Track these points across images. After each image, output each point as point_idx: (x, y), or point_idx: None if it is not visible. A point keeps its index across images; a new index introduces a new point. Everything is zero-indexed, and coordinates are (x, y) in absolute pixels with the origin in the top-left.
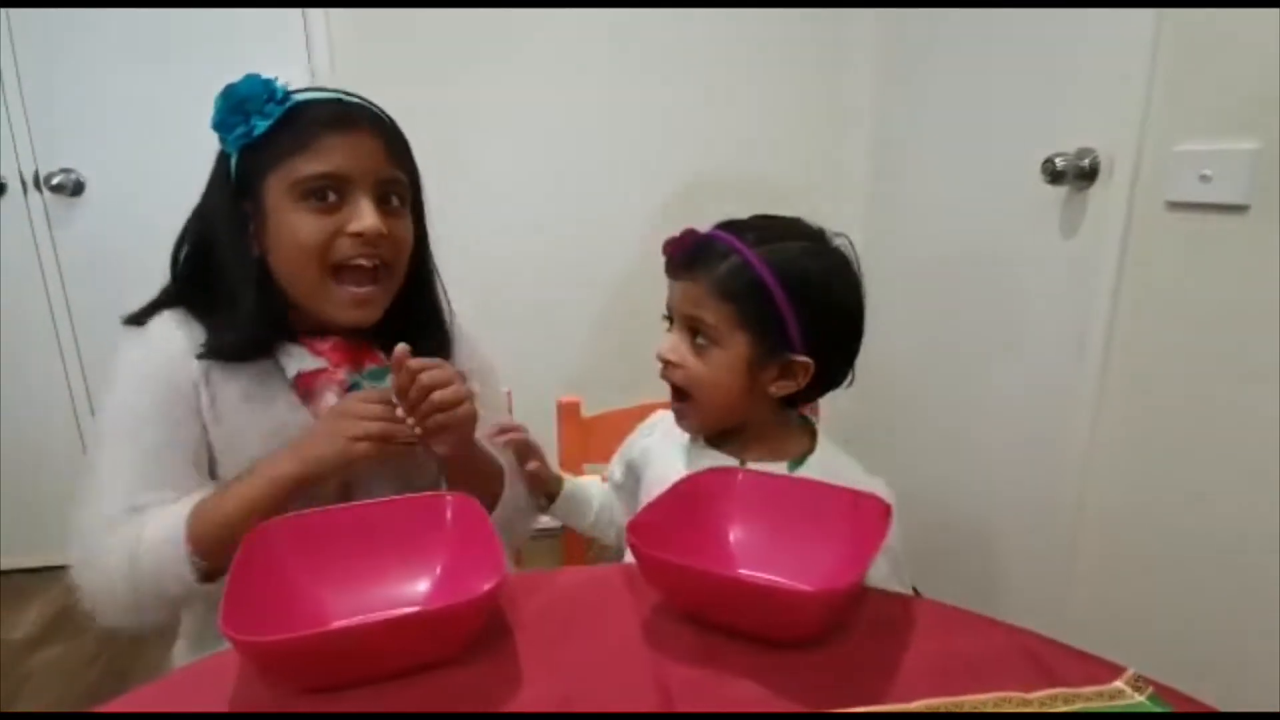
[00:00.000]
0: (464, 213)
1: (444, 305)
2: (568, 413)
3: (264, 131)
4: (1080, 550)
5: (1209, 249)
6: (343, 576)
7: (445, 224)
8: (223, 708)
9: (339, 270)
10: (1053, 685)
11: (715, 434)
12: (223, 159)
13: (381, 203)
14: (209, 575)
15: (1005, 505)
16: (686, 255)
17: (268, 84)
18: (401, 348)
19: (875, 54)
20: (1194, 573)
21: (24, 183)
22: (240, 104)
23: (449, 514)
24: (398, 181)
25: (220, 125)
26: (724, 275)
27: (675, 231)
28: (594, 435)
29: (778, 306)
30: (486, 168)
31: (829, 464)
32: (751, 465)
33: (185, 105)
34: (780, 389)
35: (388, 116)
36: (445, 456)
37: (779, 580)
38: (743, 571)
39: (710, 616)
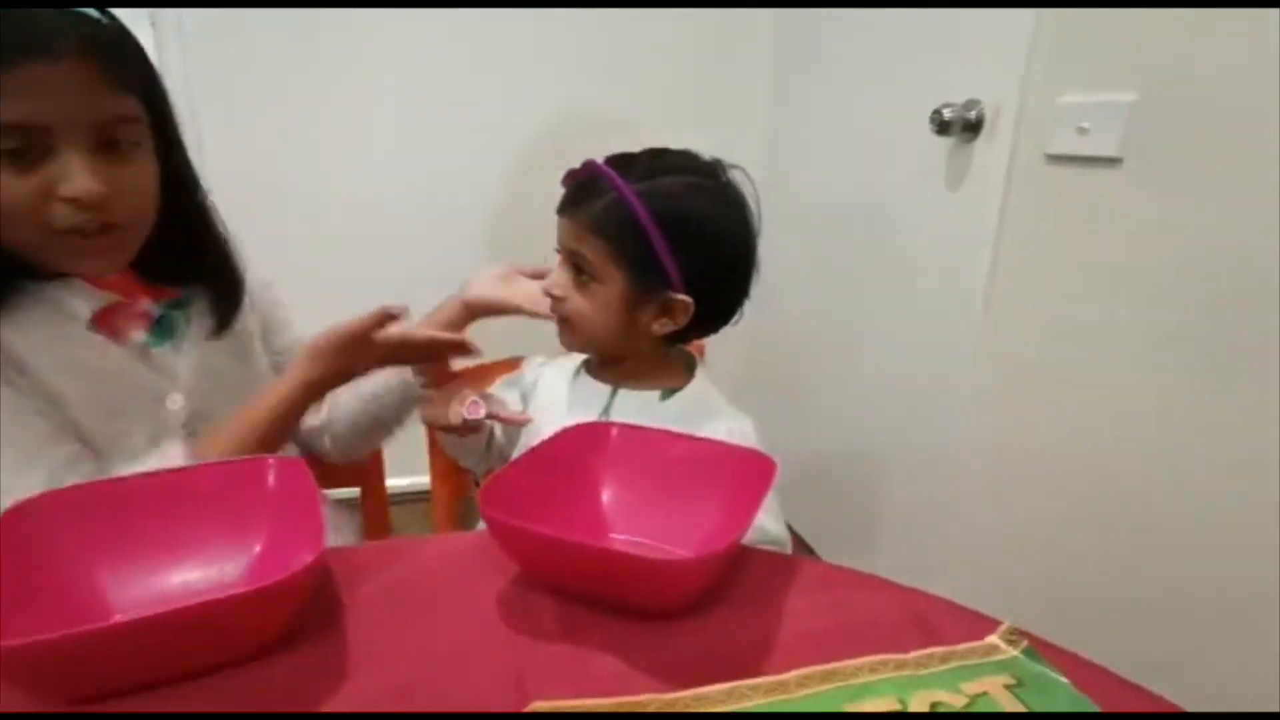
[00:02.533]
0: (326, 152)
1: (224, 234)
2: (431, 366)
3: None
4: (963, 495)
5: (1085, 202)
6: (137, 560)
7: (305, 162)
8: None
9: (58, 225)
10: (932, 644)
11: (598, 364)
12: None
13: (104, 149)
14: None
15: (893, 452)
16: (573, 191)
17: None
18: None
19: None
20: (1067, 512)
21: None
22: None
23: (271, 479)
24: (124, 117)
25: None
26: (600, 211)
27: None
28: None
29: (652, 245)
30: (349, 106)
31: (700, 396)
32: (624, 392)
33: None
34: (661, 327)
35: (108, 18)
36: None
37: (646, 542)
38: (615, 536)
39: (572, 588)
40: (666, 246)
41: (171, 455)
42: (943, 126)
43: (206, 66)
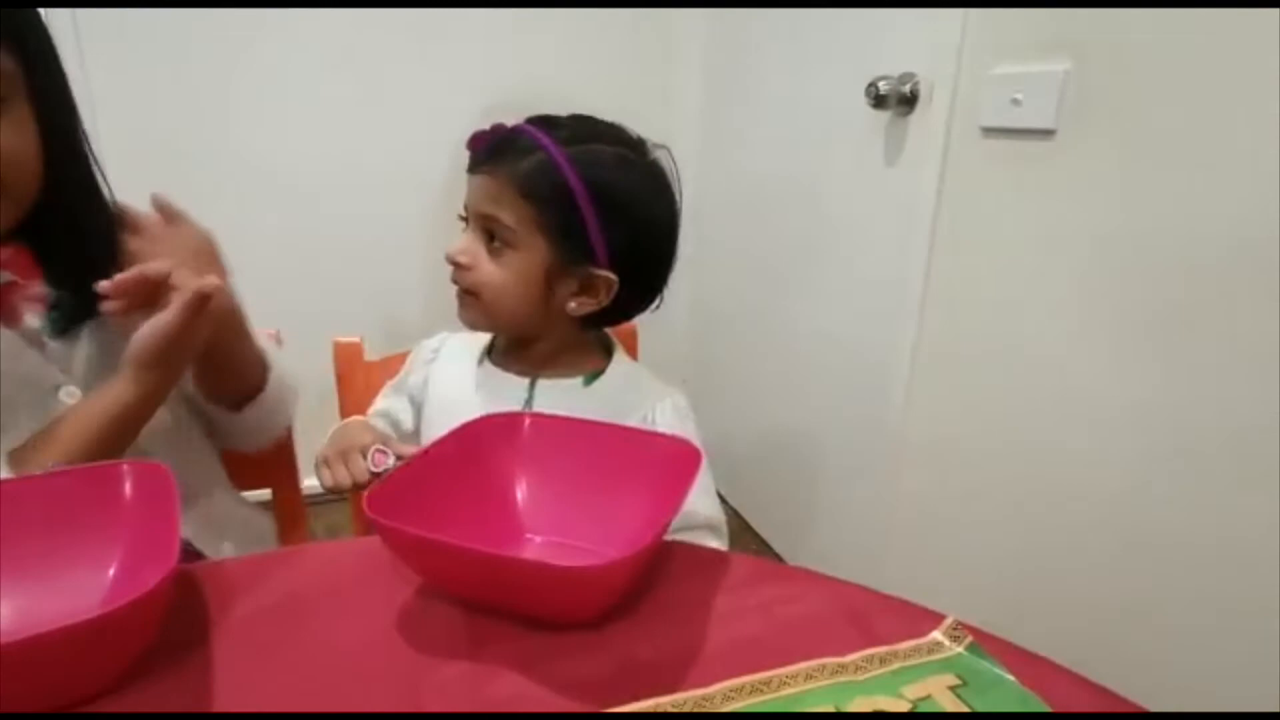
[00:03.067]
0: (256, 127)
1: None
2: (346, 356)
3: None
4: (903, 475)
5: (1019, 175)
6: None
7: (237, 138)
8: None
9: None
10: (871, 644)
11: (505, 351)
12: None
13: None
14: None
15: (832, 432)
16: (489, 148)
17: None
18: (103, 287)
19: None
20: (1010, 496)
21: None
22: None
23: (128, 487)
24: None
25: None
26: (526, 172)
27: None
28: (380, 382)
29: (581, 212)
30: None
31: (625, 377)
32: (544, 383)
33: None
34: (580, 306)
35: None
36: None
37: (567, 543)
38: (532, 538)
39: (474, 598)
40: (595, 217)
41: None
42: (879, 100)
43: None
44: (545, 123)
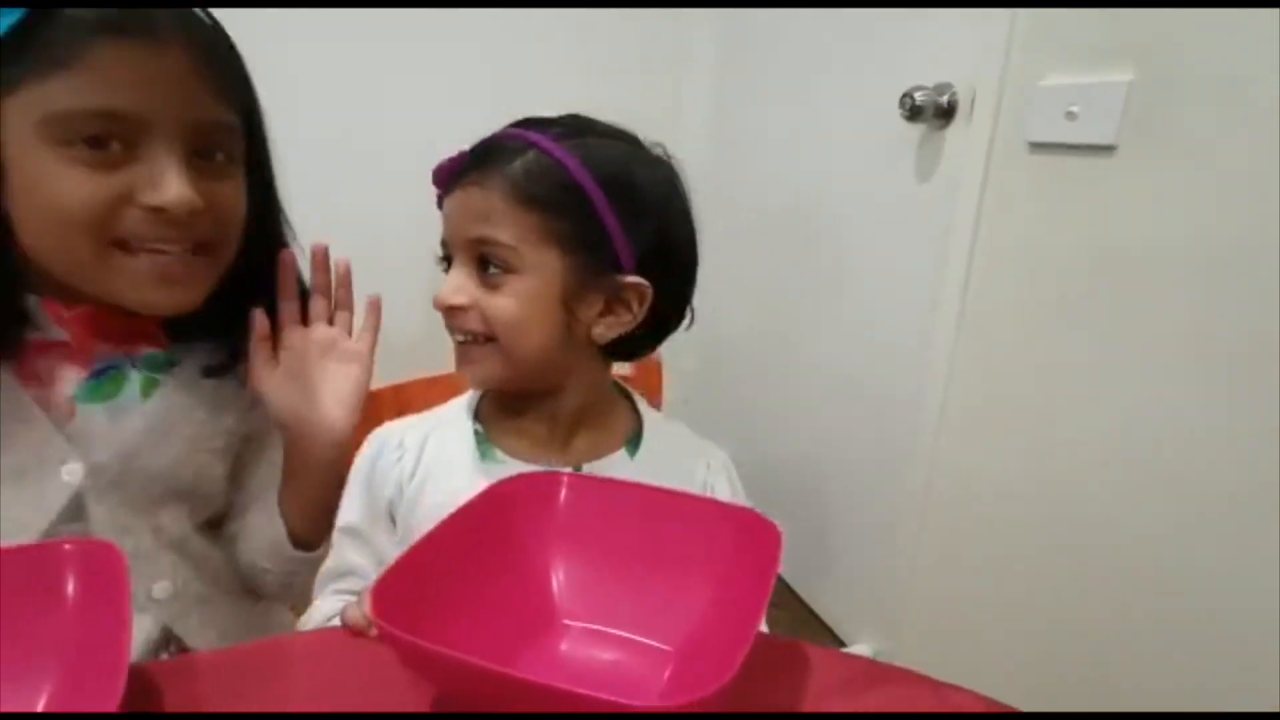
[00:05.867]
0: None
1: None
2: None
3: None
4: (930, 507)
5: (1072, 194)
6: None
7: None
8: None
9: (126, 243)
10: None
11: (513, 432)
12: None
13: (199, 157)
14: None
15: (852, 465)
16: (467, 163)
17: None
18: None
19: None
20: (1049, 542)
21: None
22: None
23: (71, 580)
24: (223, 127)
25: None
26: (521, 176)
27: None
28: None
29: (598, 212)
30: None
31: (667, 436)
32: (588, 467)
33: None
34: (609, 328)
35: (209, 17)
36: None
37: (613, 632)
38: (571, 624)
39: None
40: (614, 214)
41: None
42: (914, 112)
43: None
44: (533, 123)
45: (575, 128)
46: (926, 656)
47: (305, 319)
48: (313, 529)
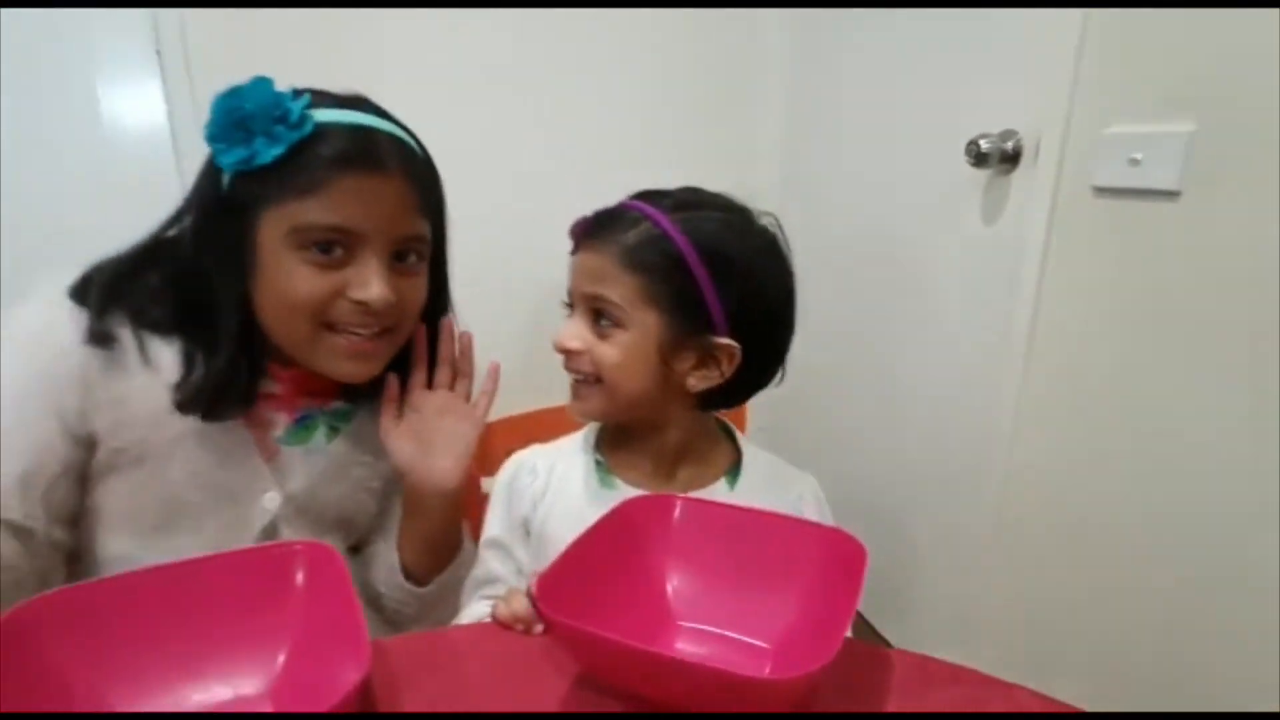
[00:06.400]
0: None
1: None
2: None
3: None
4: (1000, 547)
5: (1138, 236)
6: (145, 668)
7: None
8: None
9: (333, 325)
10: None
11: (630, 465)
12: (213, 170)
13: (396, 259)
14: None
15: (925, 502)
16: (591, 225)
17: (280, 100)
18: (448, 322)
19: (788, 23)
20: (1115, 578)
21: None
22: (244, 120)
23: (300, 573)
24: (419, 238)
25: (215, 138)
26: (632, 244)
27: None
28: (492, 444)
29: (695, 280)
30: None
31: (764, 466)
32: (693, 495)
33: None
34: (700, 380)
35: (420, 149)
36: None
37: (719, 632)
38: (684, 624)
39: (646, 694)
40: (709, 281)
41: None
42: (979, 158)
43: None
44: (650, 195)
45: (686, 201)
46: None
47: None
48: (422, 565)
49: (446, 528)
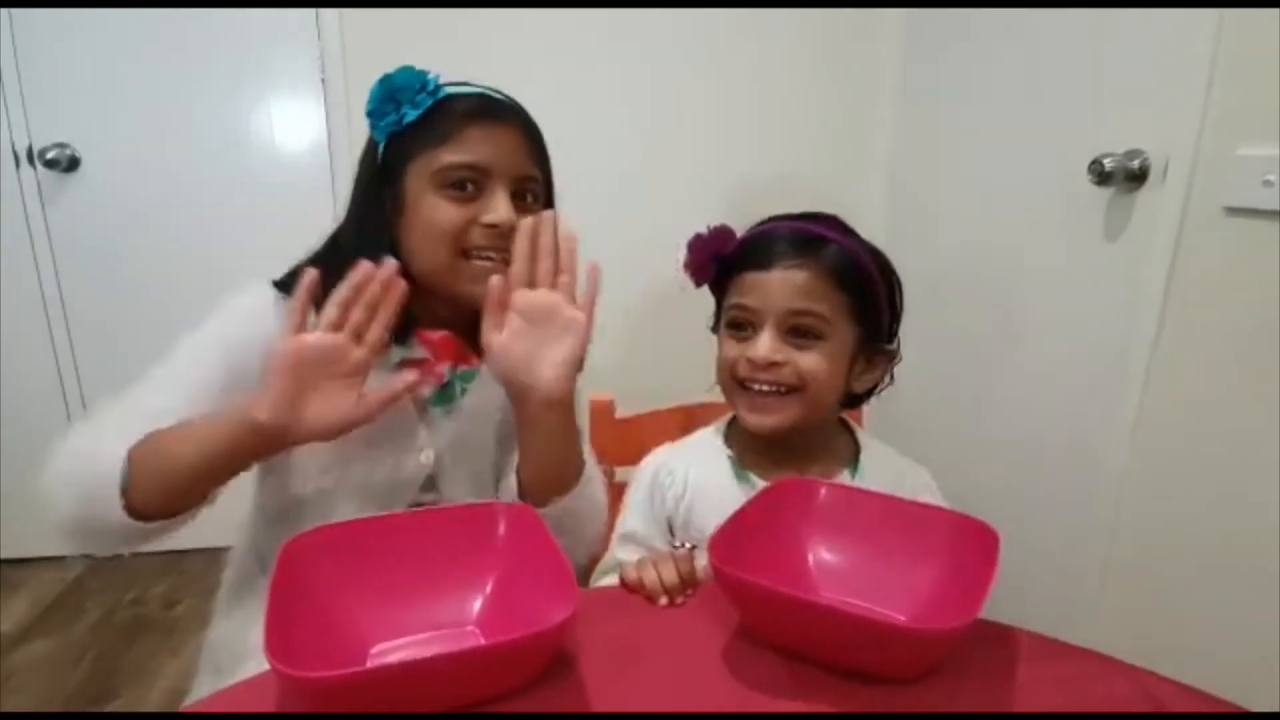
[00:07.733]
0: None
1: None
2: (600, 412)
3: (412, 121)
4: (1114, 565)
5: (1269, 256)
6: (386, 596)
7: None
8: None
9: (468, 252)
10: None
11: (766, 460)
12: (371, 148)
13: (517, 198)
14: (140, 513)
15: (1039, 517)
16: (783, 246)
17: (420, 75)
18: (548, 211)
19: (902, 38)
20: (1239, 599)
21: (16, 156)
22: (393, 93)
23: (502, 526)
24: (535, 179)
25: (373, 113)
26: (836, 265)
27: (701, 228)
28: (628, 438)
29: (878, 294)
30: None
31: (880, 457)
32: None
33: (187, 87)
34: (861, 383)
35: (530, 117)
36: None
37: (858, 604)
38: (829, 596)
39: (799, 647)
40: (887, 296)
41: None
42: (1103, 177)
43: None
44: (810, 218)
45: (842, 226)
46: None
47: (533, 281)
48: (536, 485)
49: (558, 444)
